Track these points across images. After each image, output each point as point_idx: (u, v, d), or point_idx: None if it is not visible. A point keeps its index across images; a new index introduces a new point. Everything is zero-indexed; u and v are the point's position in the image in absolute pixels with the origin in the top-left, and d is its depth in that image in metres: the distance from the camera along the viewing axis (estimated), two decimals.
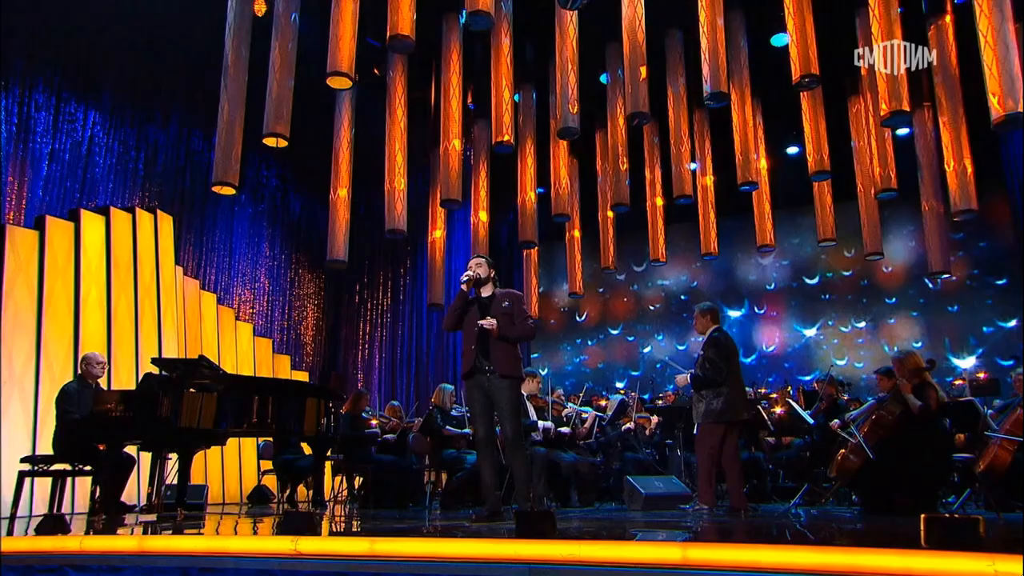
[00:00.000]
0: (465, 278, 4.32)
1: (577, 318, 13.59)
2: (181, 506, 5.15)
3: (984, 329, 10.98)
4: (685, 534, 3.18)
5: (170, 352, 7.29)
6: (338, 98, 8.88)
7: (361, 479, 7.93)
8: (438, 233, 9.92)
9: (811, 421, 5.88)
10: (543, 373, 13.84)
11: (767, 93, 10.06)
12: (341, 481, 7.53)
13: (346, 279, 13.01)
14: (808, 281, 12.08)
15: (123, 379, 6.68)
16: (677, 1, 8.61)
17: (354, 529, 3.78)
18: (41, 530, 2.84)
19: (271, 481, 7.74)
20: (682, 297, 12.91)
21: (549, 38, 9.17)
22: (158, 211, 7.99)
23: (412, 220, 11.01)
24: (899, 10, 6.66)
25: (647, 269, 13.10)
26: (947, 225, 8.98)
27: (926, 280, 11.32)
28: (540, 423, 5.81)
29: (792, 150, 11.65)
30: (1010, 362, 10.60)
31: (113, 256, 7.00)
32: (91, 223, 7.02)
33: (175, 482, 5.63)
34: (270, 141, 6.64)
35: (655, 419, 7.07)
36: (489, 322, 4.12)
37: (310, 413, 4.97)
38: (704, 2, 7.10)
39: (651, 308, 13.13)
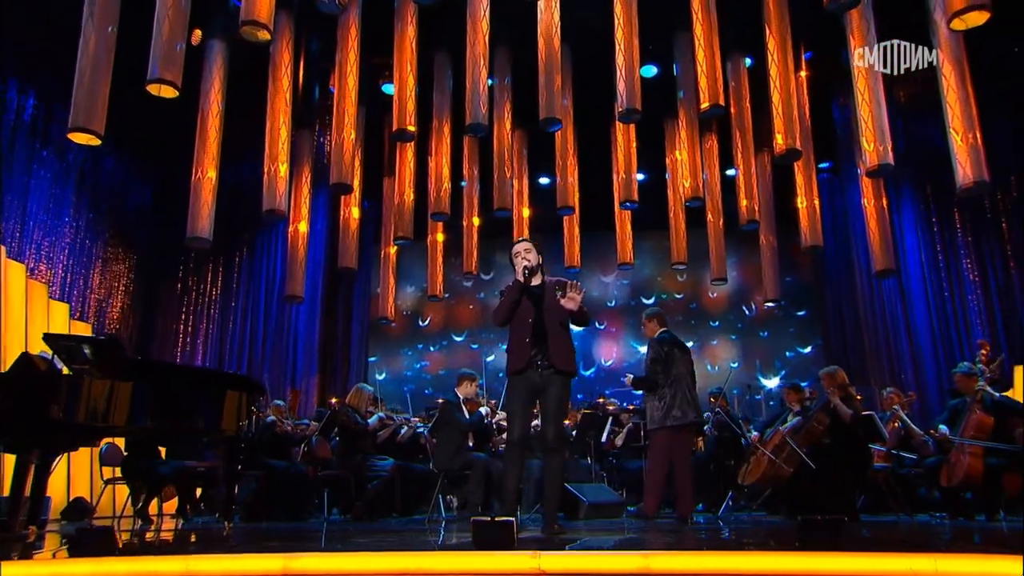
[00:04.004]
0: (525, 269, 3.91)
1: (420, 323, 13.23)
2: (33, 523, 4.12)
3: (787, 354, 12.51)
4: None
5: None
6: (207, 59, 7.78)
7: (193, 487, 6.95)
8: (303, 226, 9.09)
9: (739, 431, 6.19)
10: (380, 378, 13.26)
11: None
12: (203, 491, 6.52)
13: (167, 262, 11.43)
14: (645, 301, 12.89)
15: None
16: (568, 18, 8.79)
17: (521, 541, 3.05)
18: (80, 547, 1.98)
19: (110, 491, 6.47)
20: None
21: (438, 34, 8.93)
22: None
23: (256, 203, 10.09)
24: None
25: (495, 278, 13.15)
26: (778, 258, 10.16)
27: (744, 307, 12.67)
28: (483, 409, 5.54)
29: (639, 176, 12.39)
30: (807, 382, 12.14)
31: None
32: None
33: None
34: (167, 92, 5.62)
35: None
36: (572, 299, 3.79)
37: (229, 409, 4.17)
38: (621, 21, 7.30)
39: None
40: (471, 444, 5.47)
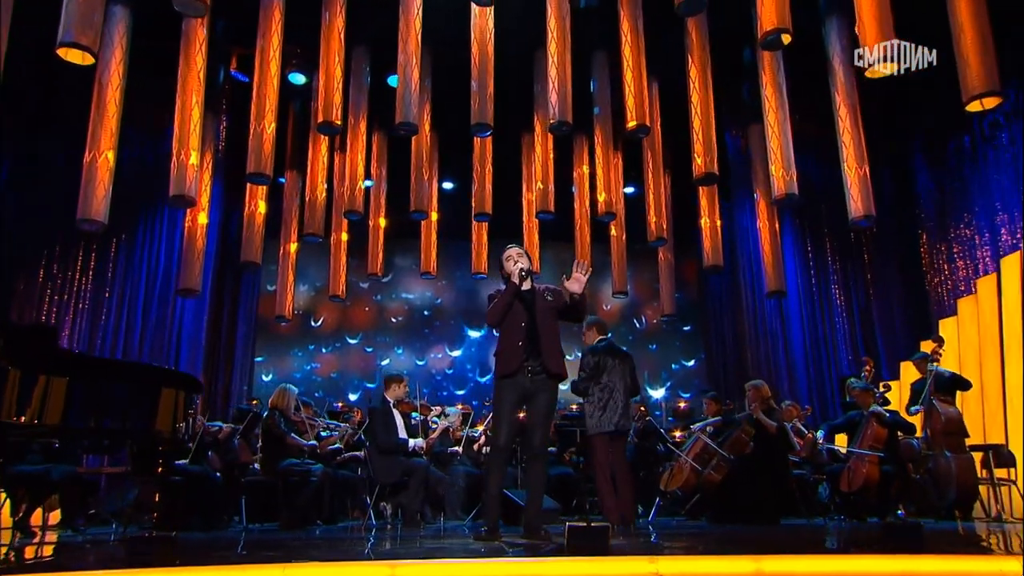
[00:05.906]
0: (521, 271, 3.82)
1: (312, 323, 12.71)
2: None
3: (673, 366, 13.17)
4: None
5: None
6: (107, 27, 7.05)
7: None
8: (203, 217, 8.50)
9: (662, 439, 6.42)
10: (267, 379, 12.57)
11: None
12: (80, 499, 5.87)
13: (25, 246, 10.24)
14: None
15: None
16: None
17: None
18: (137, 557, 1.64)
19: None
20: (425, 312, 12.98)
21: (357, 27, 8.68)
22: None
23: (138, 186, 9.45)
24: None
25: (392, 280, 12.92)
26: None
27: (635, 320, 13.22)
28: (412, 441, 5.34)
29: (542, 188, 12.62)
30: (688, 394, 12.87)
31: None
32: None
33: None
34: (74, 56, 5.07)
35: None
36: (578, 279, 3.77)
37: (165, 408, 3.81)
38: (555, 34, 7.42)
39: (393, 320, 12.93)
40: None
